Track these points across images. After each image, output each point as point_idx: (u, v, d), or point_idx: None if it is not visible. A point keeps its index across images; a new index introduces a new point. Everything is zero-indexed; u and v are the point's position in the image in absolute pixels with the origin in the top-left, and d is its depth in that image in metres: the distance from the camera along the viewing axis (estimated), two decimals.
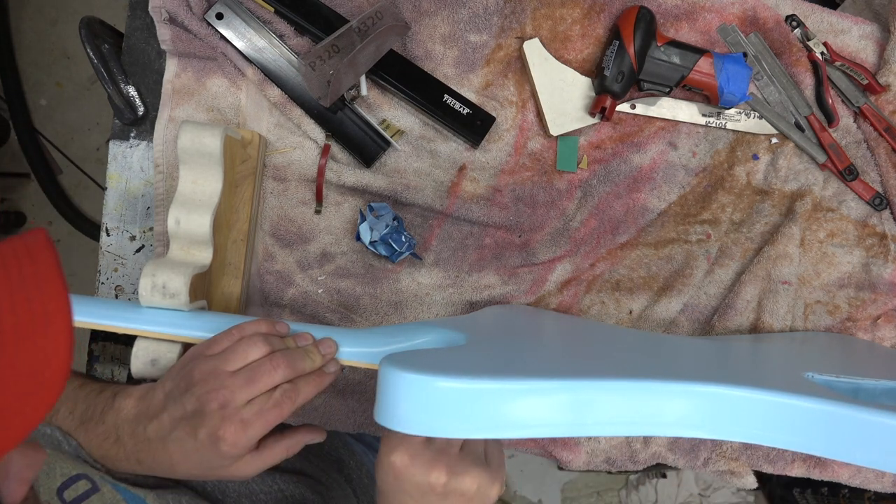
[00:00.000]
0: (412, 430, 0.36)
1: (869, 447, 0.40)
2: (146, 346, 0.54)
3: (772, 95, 0.71)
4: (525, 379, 0.37)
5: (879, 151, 0.71)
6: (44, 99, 1.72)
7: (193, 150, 0.56)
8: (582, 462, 0.70)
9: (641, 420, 0.40)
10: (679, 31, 0.69)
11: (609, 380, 0.39)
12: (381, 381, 0.37)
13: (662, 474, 1.66)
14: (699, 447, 0.71)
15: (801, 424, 0.41)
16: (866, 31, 0.72)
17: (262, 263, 0.67)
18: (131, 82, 0.68)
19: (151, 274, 0.53)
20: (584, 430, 0.39)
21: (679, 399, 0.41)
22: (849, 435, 0.41)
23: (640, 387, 0.40)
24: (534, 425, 0.37)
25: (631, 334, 0.65)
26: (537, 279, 0.69)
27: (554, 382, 0.38)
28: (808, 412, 0.41)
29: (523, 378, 0.37)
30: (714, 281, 0.71)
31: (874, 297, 0.72)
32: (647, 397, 0.40)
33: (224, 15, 0.64)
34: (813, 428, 0.41)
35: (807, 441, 0.41)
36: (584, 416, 0.38)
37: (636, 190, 0.70)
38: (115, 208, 0.68)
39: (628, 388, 0.40)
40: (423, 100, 0.66)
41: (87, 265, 1.72)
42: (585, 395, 0.38)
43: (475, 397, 0.36)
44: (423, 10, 0.66)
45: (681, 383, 0.41)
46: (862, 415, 0.40)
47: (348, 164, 0.67)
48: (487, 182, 0.69)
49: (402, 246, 0.65)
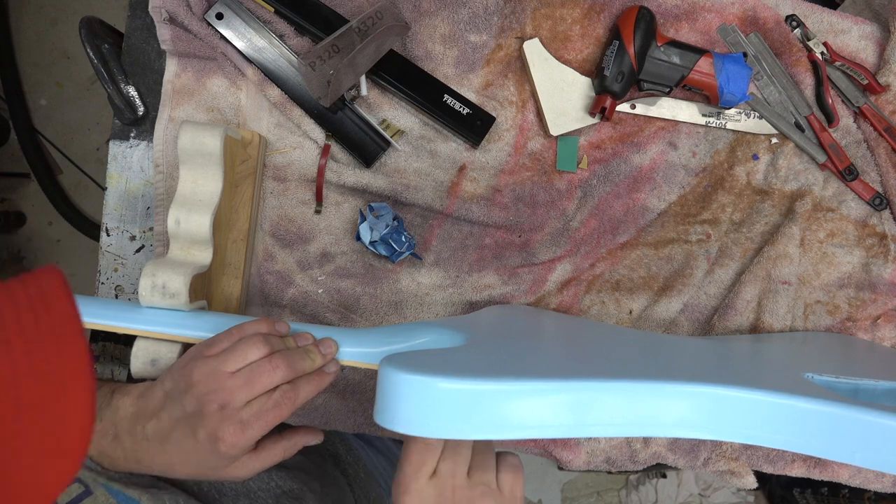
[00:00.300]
0: (412, 430, 0.36)
1: (869, 448, 0.40)
2: (146, 347, 0.54)
3: (772, 95, 0.71)
4: (525, 380, 0.37)
5: (879, 151, 0.71)
6: (44, 99, 1.72)
7: (193, 150, 0.56)
8: (582, 462, 0.70)
9: (641, 421, 0.40)
10: (679, 31, 0.69)
11: (609, 380, 0.39)
12: (380, 381, 0.37)
13: (662, 474, 1.66)
14: (699, 447, 0.71)
15: (801, 425, 0.41)
16: (866, 31, 0.72)
17: (262, 263, 0.67)
18: (131, 82, 0.68)
19: (151, 274, 0.53)
20: (585, 430, 0.39)
21: (679, 400, 0.41)
22: (848, 436, 0.40)
23: (640, 388, 0.40)
24: (534, 426, 0.37)
25: (631, 334, 0.65)
26: (537, 279, 0.69)
27: (554, 383, 0.38)
28: (807, 413, 0.41)
29: (523, 379, 0.37)
30: (714, 281, 0.71)
31: (874, 297, 0.72)
32: (648, 398, 0.40)
33: (224, 15, 0.64)
34: (812, 429, 0.41)
35: (806, 442, 0.41)
36: (584, 416, 0.38)
37: (636, 190, 0.70)
38: (115, 208, 0.68)
39: (628, 389, 0.40)
40: (423, 100, 0.66)
41: (87, 265, 1.73)
42: (586, 396, 0.38)
43: (475, 398, 0.36)
44: (423, 10, 0.66)
45: (681, 384, 0.41)
46: (862, 416, 0.40)
47: (348, 164, 0.67)
48: (487, 182, 0.69)
49: (402, 246, 0.65)
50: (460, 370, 0.37)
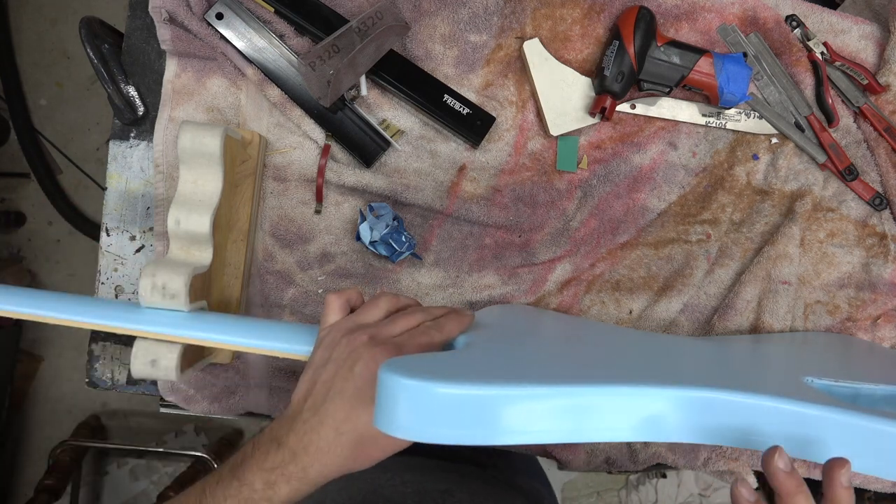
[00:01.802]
0: (410, 436, 0.35)
1: (868, 454, 0.40)
2: (146, 347, 0.54)
3: (772, 95, 0.71)
4: (524, 385, 0.37)
5: (879, 151, 0.71)
6: (44, 99, 1.72)
7: (193, 151, 0.56)
8: (582, 462, 0.70)
9: (642, 426, 0.40)
10: (679, 31, 0.69)
11: (610, 385, 0.39)
12: (379, 386, 0.36)
13: (662, 474, 1.66)
14: (699, 447, 0.71)
15: (801, 431, 0.41)
16: (866, 31, 0.72)
17: (263, 263, 0.67)
18: (131, 82, 0.68)
19: (151, 274, 0.53)
20: (584, 435, 0.38)
21: (679, 405, 0.41)
22: (847, 441, 0.40)
23: (640, 392, 0.40)
24: (533, 431, 0.37)
25: (631, 335, 0.65)
26: (537, 279, 0.69)
27: (553, 388, 0.38)
28: (807, 419, 0.41)
29: (522, 384, 0.37)
30: (714, 281, 0.71)
31: (874, 297, 0.72)
32: (648, 403, 0.40)
33: (224, 15, 0.64)
34: (812, 434, 0.41)
35: (806, 447, 0.41)
36: (583, 422, 0.38)
37: (636, 190, 0.70)
38: (115, 208, 0.68)
39: (629, 394, 0.40)
40: (423, 100, 0.66)
41: (87, 265, 1.73)
42: (586, 401, 0.38)
43: (474, 403, 0.36)
44: (423, 10, 0.66)
45: (681, 389, 0.41)
46: (861, 421, 0.40)
47: (348, 164, 0.67)
48: (487, 182, 0.69)
49: (402, 246, 0.65)
50: (459, 375, 0.37)
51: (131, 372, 0.54)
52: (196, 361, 0.60)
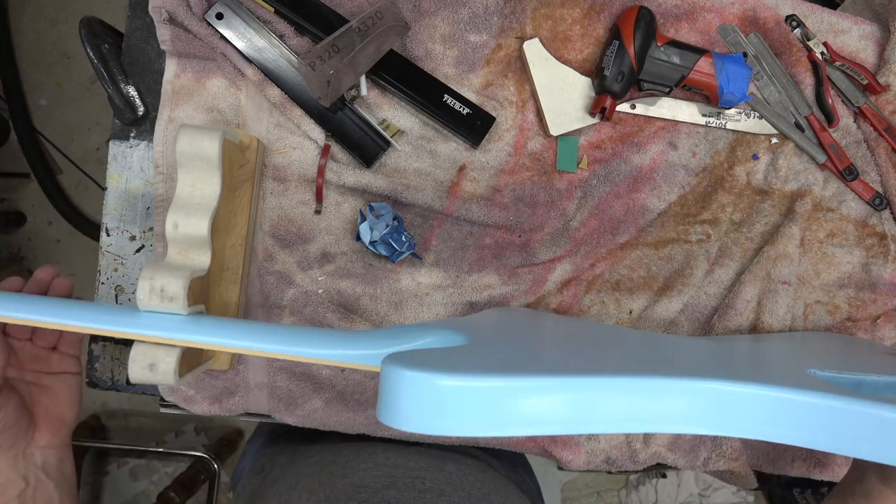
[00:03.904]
0: (413, 427, 0.36)
1: (874, 441, 0.40)
2: (144, 351, 0.54)
3: (772, 95, 0.71)
4: (527, 376, 0.37)
5: (879, 151, 0.71)
6: (44, 99, 1.72)
7: (192, 154, 0.56)
8: (582, 462, 0.70)
9: (645, 417, 0.40)
10: (679, 31, 0.69)
11: (612, 376, 0.39)
12: (383, 379, 0.37)
13: (662, 474, 1.66)
14: (699, 447, 0.71)
15: (806, 420, 0.41)
16: (866, 31, 0.72)
17: (262, 264, 0.67)
18: (131, 82, 0.68)
19: (150, 277, 0.53)
20: (588, 427, 0.39)
21: (683, 395, 0.41)
22: (854, 429, 0.41)
23: (643, 383, 0.40)
24: (537, 423, 0.37)
25: (631, 334, 0.65)
26: (537, 279, 0.69)
27: (556, 379, 0.38)
28: (812, 407, 0.41)
29: (525, 375, 0.37)
30: (714, 281, 0.71)
31: (874, 297, 0.72)
32: (651, 394, 0.40)
33: (224, 15, 0.64)
34: (817, 423, 0.41)
35: (811, 436, 0.41)
36: (587, 413, 0.38)
37: (636, 190, 0.70)
38: (115, 208, 0.68)
39: (632, 385, 0.40)
40: (423, 100, 0.66)
41: (87, 265, 1.73)
42: (588, 392, 0.38)
43: (477, 395, 0.36)
44: (423, 10, 0.66)
45: (684, 379, 0.41)
46: (866, 409, 0.40)
47: (348, 164, 0.67)
48: (487, 182, 0.69)
49: (403, 246, 0.65)
50: (462, 367, 0.37)
51: (129, 376, 0.54)
52: (195, 366, 0.60)
